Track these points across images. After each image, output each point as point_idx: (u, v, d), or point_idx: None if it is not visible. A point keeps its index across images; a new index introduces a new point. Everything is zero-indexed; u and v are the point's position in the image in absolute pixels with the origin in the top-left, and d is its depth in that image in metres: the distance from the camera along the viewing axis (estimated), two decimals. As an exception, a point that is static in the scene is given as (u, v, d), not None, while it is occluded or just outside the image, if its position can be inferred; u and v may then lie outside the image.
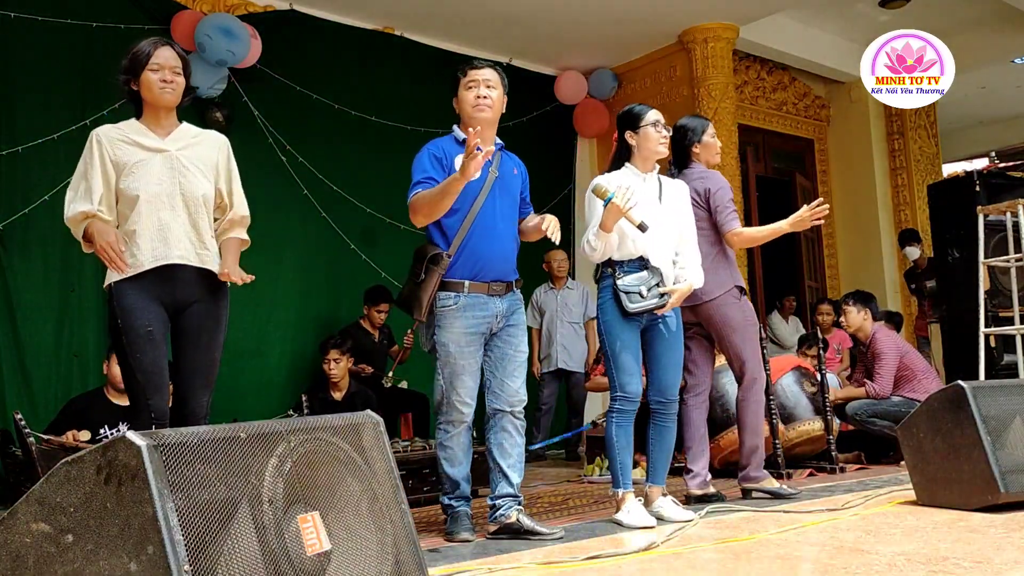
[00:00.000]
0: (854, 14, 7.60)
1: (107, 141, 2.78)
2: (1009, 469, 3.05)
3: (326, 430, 1.82)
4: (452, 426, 3.13)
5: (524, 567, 2.52)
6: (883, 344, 5.16)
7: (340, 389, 5.25)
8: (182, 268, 2.79)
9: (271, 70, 6.00)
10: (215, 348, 2.90)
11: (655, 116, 3.47)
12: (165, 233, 2.76)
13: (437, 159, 3.13)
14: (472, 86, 3.15)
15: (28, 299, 5.06)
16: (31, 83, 5.17)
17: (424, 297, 3.06)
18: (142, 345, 2.72)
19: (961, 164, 9.58)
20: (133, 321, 2.72)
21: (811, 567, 2.36)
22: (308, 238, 6.16)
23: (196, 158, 2.87)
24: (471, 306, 3.09)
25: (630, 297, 3.25)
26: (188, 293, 2.81)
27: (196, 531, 1.47)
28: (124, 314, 2.72)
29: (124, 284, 2.74)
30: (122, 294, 2.73)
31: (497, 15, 6.60)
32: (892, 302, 8.10)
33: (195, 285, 2.83)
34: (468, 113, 3.16)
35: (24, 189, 5.07)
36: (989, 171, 5.78)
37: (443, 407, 3.13)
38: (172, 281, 2.78)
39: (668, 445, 3.47)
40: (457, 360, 3.09)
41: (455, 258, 3.09)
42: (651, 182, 3.47)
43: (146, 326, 2.73)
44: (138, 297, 2.73)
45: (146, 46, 2.82)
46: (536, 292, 6.54)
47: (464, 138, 3.10)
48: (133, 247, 2.74)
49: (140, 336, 2.72)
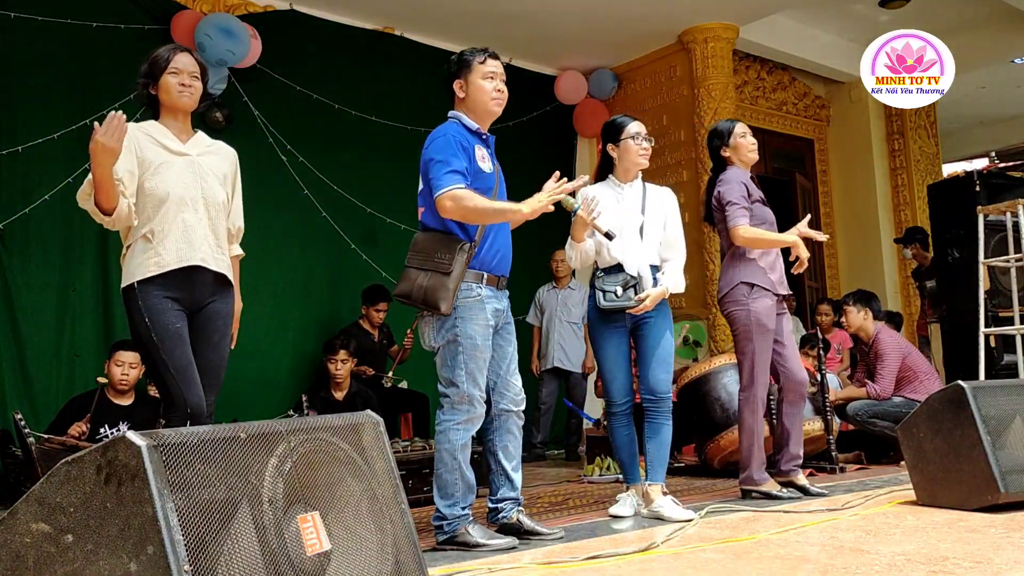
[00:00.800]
0: (854, 14, 7.60)
1: (136, 137, 2.77)
2: (1009, 469, 3.06)
3: (326, 430, 1.82)
4: (472, 424, 2.99)
5: (524, 567, 2.52)
6: (886, 345, 5.15)
7: (342, 389, 5.26)
8: (203, 271, 2.83)
9: (271, 70, 6.00)
10: (226, 347, 2.94)
11: (636, 128, 3.55)
12: (190, 235, 2.79)
13: (464, 149, 3.01)
14: (492, 76, 3.08)
15: (28, 299, 5.07)
16: (31, 83, 5.17)
17: (453, 288, 2.90)
18: (173, 343, 2.74)
19: (961, 164, 9.58)
20: (162, 319, 2.73)
21: (811, 567, 2.36)
22: (308, 238, 6.17)
23: (213, 165, 2.92)
24: (489, 299, 3.02)
25: (605, 295, 3.42)
26: (204, 293, 2.85)
27: (196, 531, 1.47)
28: (152, 313, 2.73)
29: (148, 284, 2.75)
30: (147, 294, 2.74)
31: (497, 15, 6.60)
32: (892, 302, 8.10)
33: (210, 286, 2.87)
34: (483, 103, 3.08)
35: (24, 189, 5.07)
36: (989, 171, 5.77)
37: (464, 405, 2.95)
38: (192, 283, 2.81)
39: (663, 442, 3.48)
40: (483, 353, 2.97)
41: (477, 250, 3.01)
42: (633, 192, 3.58)
43: (175, 324, 2.76)
44: (161, 298, 2.75)
45: (165, 52, 2.87)
46: (539, 290, 6.58)
47: (476, 127, 3.09)
48: (159, 246, 2.76)
49: (171, 334, 2.74)
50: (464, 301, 2.96)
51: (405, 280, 2.99)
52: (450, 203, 2.90)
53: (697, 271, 7.21)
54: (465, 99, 3.10)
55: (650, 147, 3.59)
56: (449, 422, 2.97)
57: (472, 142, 3.06)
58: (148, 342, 2.75)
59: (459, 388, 2.95)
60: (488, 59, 3.09)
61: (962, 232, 5.33)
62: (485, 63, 3.08)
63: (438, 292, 2.90)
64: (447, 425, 2.97)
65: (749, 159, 3.95)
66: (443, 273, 2.91)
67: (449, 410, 2.99)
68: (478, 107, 3.09)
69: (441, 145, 2.98)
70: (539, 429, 6.44)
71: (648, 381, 3.48)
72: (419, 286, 2.94)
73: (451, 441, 2.96)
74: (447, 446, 2.95)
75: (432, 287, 2.91)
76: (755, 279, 3.78)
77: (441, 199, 2.91)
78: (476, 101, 3.09)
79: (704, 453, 4.95)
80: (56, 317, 5.15)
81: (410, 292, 2.96)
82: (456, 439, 2.96)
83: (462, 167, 2.96)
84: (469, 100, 3.09)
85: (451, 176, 2.92)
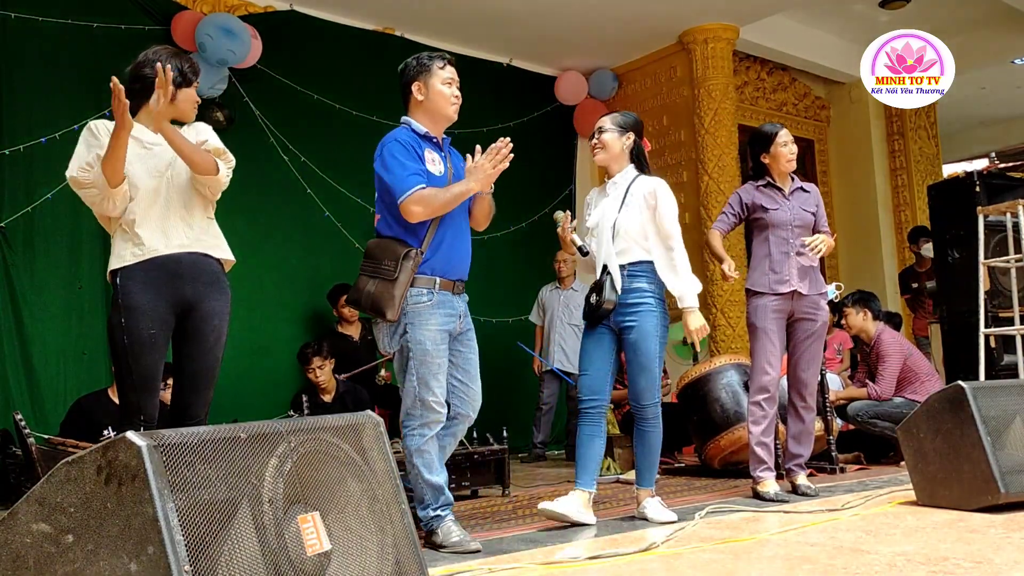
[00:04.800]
0: (854, 14, 7.60)
1: (107, 131, 2.74)
2: (1009, 469, 3.06)
3: (326, 430, 1.82)
4: (428, 428, 2.98)
5: (524, 567, 2.52)
6: (887, 346, 5.15)
7: (328, 392, 5.27)
8: (186, 257, 2.78)
9: (271, 70, 6.01)
10: (220, 348, 2.88)
11: (596, 125, 3.64)
12: (164, 224, 2.76)
13: (411, 148, 3.03)
14: (450, 83, 3.12)
15: (33, 297, 5.07)
16: (32, 83, 5.17)
17: (398, 295, 2.92)
18: (142, 350, 2.69)
19: (961, 165, 9.58)
20: (137, 323, 2.68)
21: (811, 567, 2.36)
22: (311, 237, 6.17)
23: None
24: (441, 304, 3.02)
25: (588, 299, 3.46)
26: (196, 293, 2.79)
27: (196, 531, 1.47)
28: (128, 314, 2.68)
29: (131, 272, 2.71)
30: (128, 290, 2.70)
31: (497, 15, 6.60)
32: (892, 302, 8.09)
33: (201, 282, 2.80)
34: (443, 108, 3.10)
35: (27, 187, 5.08)
36: (989, 172, 5.77)
37: (417, 410, 2.97)
38: (179, 277, 2.76)
39: (648, 449, 3.43)
40: (434, 359, 2.97)
41: (427, 255, 3.01)
42: (617, 189, 3.53)
43: (149, 329, 2.69)
44: (143, 294, 2.70)
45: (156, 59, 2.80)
46: (542, 290, 6.58)
47: (425, 131, 3.10)
48: (135, 236, 2.74)
49: (142, 340, 2.68)
50: (414, 307, 2.97)
51: (355, 287, 3.04)
52: (417, 207, 2.94)
53: (697, 271, 7.16)
54: (423, 102, 3.12)
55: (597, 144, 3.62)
56: (406, 428, 3.00)
57: (423, 146, 3.09)
58: (118, 343, 2.70)
59: (411, 393, 2.97)
60: (447, 65, 3.13)
61: (962, 232, 5.33)
62: (444, 69, 3.12)
63: (383, 299, 2.94)
64: (404, 431, 3.01)
65: (784, 168, 4.01)
66: (388, 280, 2.95)
67: (405, 415, 3.01)
68: (437, 111, 3.12)
69: (394, 150, 3.01)
70: (539, 429, 6.43)
71: (630, 389, 3.46)
72: (367, 293, 2.98)
73: (407, 446, 2.99)
74: (405, 451, 2.99)
75: (378, 294, 2.95)
76: (753, 283, 3.97)
77: (407, 204, 2.93)
78: (435, 105, 3.11)
79: (704, 453, 4.95)
80: (62, 315, 5.15)
81: (359, 299, 3.02)
82: (411, 444, 2.98)
83: (420, 168, 3.00)
84: (427, 103, 3.11)
85: (412, 179, 2.95)
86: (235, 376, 5.69)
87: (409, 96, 3.14)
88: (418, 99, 3.12)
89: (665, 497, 4.06)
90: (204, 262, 2.83)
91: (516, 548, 2.87)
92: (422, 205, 2.94)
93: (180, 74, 2.80)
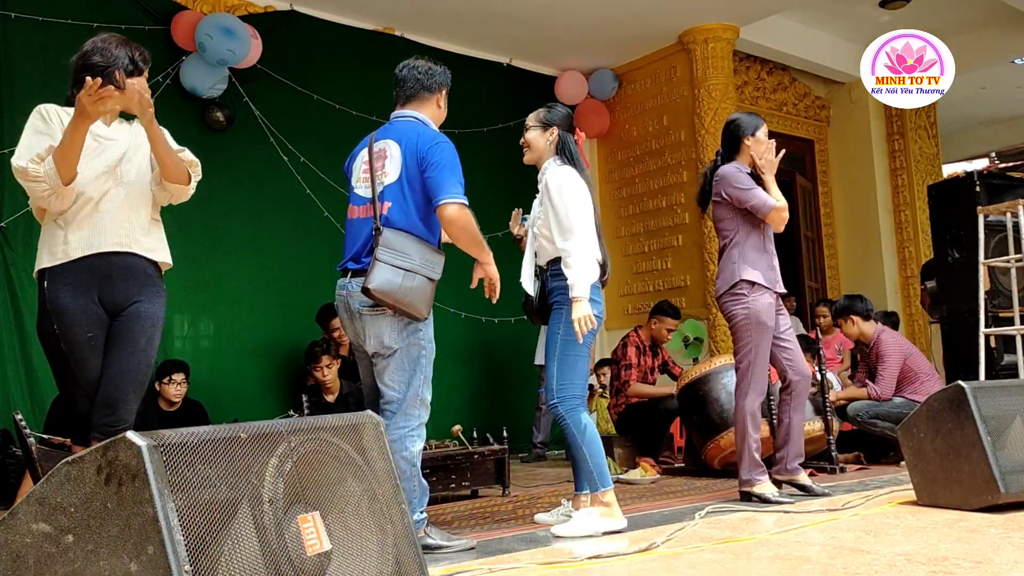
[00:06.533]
0: (854, 14, 7.60)
1: (59, 119, 2.63)
2: (1009, 469, 3.05)
3: (327, 430, 1.82)
4: (423, 429, 2.93)
5: (524, 567, 2.52)
6: (887, 346, 5.15)
7: (332, 392, 5.27)
8: (116, 256, 2.63)
9: (271, 70, 6.01)
10: (152, 350, 2.71)
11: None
12: (102, 221, 2.62)
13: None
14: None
15: (33, 295, 5.05)
16: (32, 82, 5.17)
17: (433, 294, 2.92)
18: (85, 354, 2.56)
19: (961, 164, 9.59)
20: (71, 328, 2.55)
21: (811, 567, 2.36)
22: (311, 238, 6.16)
23: (137, 146, 2.76)
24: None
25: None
26: (127, 293, 2.64)
27: (196, 531, 1.47)
28: (60, 318, 2.55)
29: (56, 274, 2.57)
30: (55, 291, 2.56)
31: (497, 15, 6.60)
32: (892, 302, 8.10)
33: (132, 282, 2.66)
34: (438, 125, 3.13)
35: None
36: (989, 171, 5.78)
37: (417, 410, 2.90)
38: (109, 278, 2.61)
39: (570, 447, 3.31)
40: (432, 359, 2.99)
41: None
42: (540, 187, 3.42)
43: (87, 332, 2.56)
44: (74, 297, 2.57)
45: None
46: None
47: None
48: (68, 234, 2.59)
49: (81, 344, 2.56)
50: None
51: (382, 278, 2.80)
52: (459, 214, 2.88)
53: (697, 271, 7.21)
54: (438, 112, 3.14)
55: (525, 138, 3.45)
56: (403, 429, 2.87)
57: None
58: (56, 351, 2.58)
59: (416, 393, 2.90)
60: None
61: (962, 232, 5.33)
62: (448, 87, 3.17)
63: (424, 298, 2.86)
64: (401, 433, 2.86)
65: (761, 160, 3.89)
66: (430, 279, 2.90)
67: (400, 416, 2.88)
68: (437, 125, 3.13)
69: (453, 156, 2.94)
70: (539, 429, 6.44)
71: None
72: (404, 288, 2.81)
73: (408, 449, 2.86)
74: (405, 454, 2.84)
75: (418, 290, 2.84)
76: (756, 277, 3.75)
77: (451, 205, 2.86)
78: (439, 120, 3.15)
79: (704, 453, 4.95)
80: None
81: (390, 291, 2.80)
82: (413, 447, 2.88)
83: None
84: (439, 115, 3.15)
85: (462, 190, 2.92)
86: (235, 376, 5.70)
87: (429, 99, 3.11)
88: (437, 107, 3.14)
89: (665, 497, 4.08)
90: (137, 263, 2.69)
91: (516, 548, 2.87)
92: (463, 216, 2.90)
93: (131, 62, 2.66)
